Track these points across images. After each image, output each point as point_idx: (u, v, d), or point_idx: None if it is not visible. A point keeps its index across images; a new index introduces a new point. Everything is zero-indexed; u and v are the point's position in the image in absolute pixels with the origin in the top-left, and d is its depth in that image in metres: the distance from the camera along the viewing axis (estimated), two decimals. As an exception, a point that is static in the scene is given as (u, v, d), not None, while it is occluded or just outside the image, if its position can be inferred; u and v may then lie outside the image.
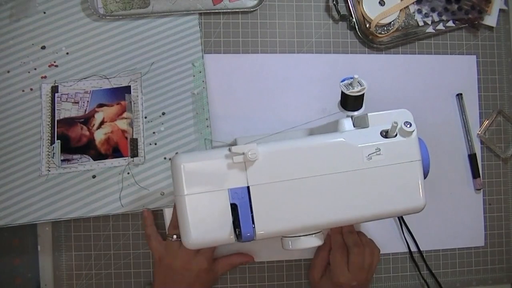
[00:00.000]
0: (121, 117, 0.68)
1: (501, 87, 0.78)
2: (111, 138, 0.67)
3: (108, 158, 0.67)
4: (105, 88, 0.68)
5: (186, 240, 0.49)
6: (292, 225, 0.50)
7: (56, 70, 0.68)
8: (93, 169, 0.66)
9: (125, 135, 0.67)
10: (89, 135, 0.67)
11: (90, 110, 0.68)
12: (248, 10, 0.73)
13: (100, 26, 0.69)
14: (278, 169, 0.49)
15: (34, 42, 0.68)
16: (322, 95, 0.74)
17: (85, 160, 0.66)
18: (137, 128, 0.67)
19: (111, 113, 0.68)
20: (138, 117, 0.68)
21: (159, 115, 0.68)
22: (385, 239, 0.74)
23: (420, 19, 0.76)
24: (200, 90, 0.69)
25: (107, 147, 0.67)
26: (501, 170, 0.78)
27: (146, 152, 0.67)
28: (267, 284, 0.72)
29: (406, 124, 0.51)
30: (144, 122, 0.68)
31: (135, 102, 0.68)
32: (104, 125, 0.67)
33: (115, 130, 0.67)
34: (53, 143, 0.66)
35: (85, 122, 0.67)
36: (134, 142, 0.67)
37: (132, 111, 0.68)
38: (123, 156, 0.67)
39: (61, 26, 0.69)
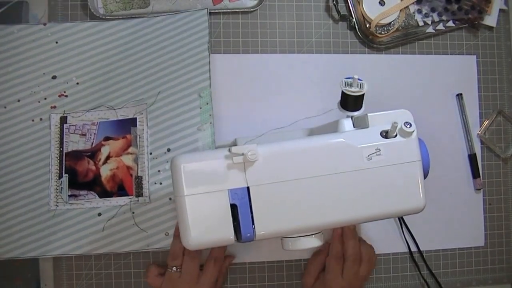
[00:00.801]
0: (127, 152, 0.67)
1: (501, 87, 0.78)
2: (116, 174, 0.67)
3: (114, 196, 0.66)
4: (112, 119, 0.67)
5: (186, 241, 0.49)
6: (292, 226, 0.50)
7: (66, 100, 0.68)
8: (98, 206, 0.66)
9: (130, 172, 0.67)
10: (95, 171, 0.67)
11: (97, 143, 0.67)
12: (248, 10, 0.73)
13: (110, 56, 0.68)
14: (278, 170, 0.49)
15: (45, 71, 0.68)
16: (322, 95, 0.74)
17: (92, 197, 0.66)
18: (142, 165, 0.66)
19: (117, 147, 0.67)
20: (143, 153, 0.67)
21: (164, 151, 0.67)
22: (385, 239, 0.74)
23: (420, 19, 0.76)
24: (207, 126, 0.66)
25: (112, 185, 0.66)
26: (501, 170, 0.78)
27: (151, 191, 0.66)
28: (267, 284, 0.72)
29: (406, 124, 0.51)
30: (149, 158, 0.67)
31: (141, 137, 0.67)
32: (110, 160, 0.67)
33: (120, 166, 0.67)
34: (61, 176, 0.66)
35: (92, 156, 0.67)
36: (139, 180, 0.66)
37: (138, 146, 0.67)
38: (128, 194, 0.66)
39: (73, 56, 0.68)
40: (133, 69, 0.68)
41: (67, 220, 0.66)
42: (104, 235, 0.66)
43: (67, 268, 0.69)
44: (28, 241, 0.65)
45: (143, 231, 0.65)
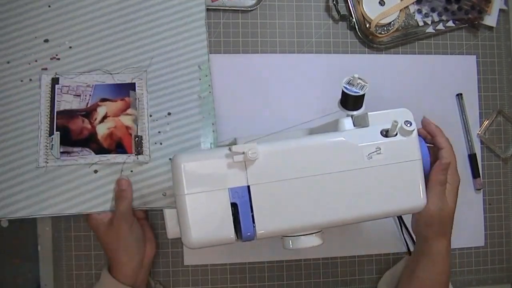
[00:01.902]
0: (125, 113, 0.66)
1: (501, 87, 0.78)
2: (114, 133, 0.65)
3: (112, 153, 0.65)
4: (109, 83, 0.67)
5: (187, 240, 0.49)
6: (292, 225, 0.50)
7: (58, 63, 0.67)
8: (94, 162, 0.64)
9: (129, 132, 0.66)
10: (91, 129, 0.65)
11: (92, 103, 0.66)
12: (246, 9, 0.73)
13: (105, 21, 0.68)
14: (279, 169, 0.49)
15: (37, 35, 0.67)
16: (322, 95, 0.74)
17: (87, 153, 0.64)
18: (141, 125, 0.66)
19: (115, 108, 0.66)
20: (143, 114, 0.66)
21: (165, 114, 0.67)
22: (385, 239, 0.74)
23: (420, 19, 0.76)
24: (206, 94, 0.67)
25: (110, 142, 0.65)
26: (501, 170, 0.78)
27: (151, 151, 0.66)
28: (267, 284, 0.72)
29: (406, 123, 0.51)
30: (149, 120, 0.66)
31: (140, 100, 0.66)
32: (107, 120, 0.66)
33: (118, 126, 0.66)
34: (51, 134, 0.65)
35: (87, 115, 0.66)
36: (139, 139, 0.65)
37: (137, 108, 0.66)
38: (127, 152, 0.65)
39: (66, 20, 0.67)
40: (130, 36, 0.68)
41: (59, 177, 0.64)
42: (99, 193, 0.64)
43: (67, 268, 0.69)
44: (17, 199, 0.63)
45: (140, 190, 0.65)
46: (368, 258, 0.74)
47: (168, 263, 0.70)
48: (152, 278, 0.69)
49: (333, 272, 0.73)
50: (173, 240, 0.70)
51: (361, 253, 0.74)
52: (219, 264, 0.71)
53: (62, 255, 0.69)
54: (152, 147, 0.66)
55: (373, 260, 0.74)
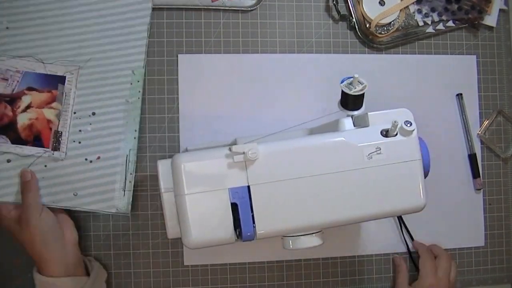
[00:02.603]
0: (50, 106, 0.65)
1: (501, 87, 0.78)
2: (34, 125, 0.64)
3: (27, 145, 0.64)
4: (39, 72, 0.65)
5: (187, 240, 0.49)
6: (292, 225, 0.50)
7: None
8: (9, 151, 0.63)
9: (50, 126, 0.64)
10: (12, 116, 0.64)
11: (18, 91, 0.64)
12: (246, 9, 0.73)
13: (45, 3, 0.66)
14: (279, 169, 0.49)
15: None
16: (322, 95, 0.74)
17: (2, 140, 0.63)
18: (64, 121, 0.65)
19: (40, 99, 0.65)
20: (67, 110, 0.65)
21: (89, 114, 0.65)
22: (385, 239, 0.74)
23: (420, 19, 0.76)
24: (134, 100, 0.67)
25: (28, 133, 0.64)
26: (501, 170, 0.78)
27: (68, 148, 0.64)
28: (267, 284, 0.72)
29: (406, 123, 0.51)
30: (73, 117, 0.65)
31: (67, 95, 0.65)
32: (30, 110, 0.64)
33: (40, 118, 0.64)
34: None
35: (11, 102, 0.64)
36: (58, 134, 0.64)
37: (63, 103, 0.65)
38: (44, 146, 0.64)
39: (6, 0, 0.66)
40: (69, 29, 0.66)
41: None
42: (9, 183, 0.63)
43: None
44: None
45: (51, 187, 0.63)
46: (368, 258, 0.74)
47: (168, 263, 0.70)
48: (85, 256, 0.66)
49: (333, 272, 0.73)
50: (173, 240, 0.70)
51: (361, 253, 0.74)
52: (219, 264, 0.71)
53: (62, 255, 0.69)
54: (70, 145, 0.64)
55: (373, 260, 0.74)
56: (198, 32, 0.72)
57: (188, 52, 0.72)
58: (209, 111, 0.71)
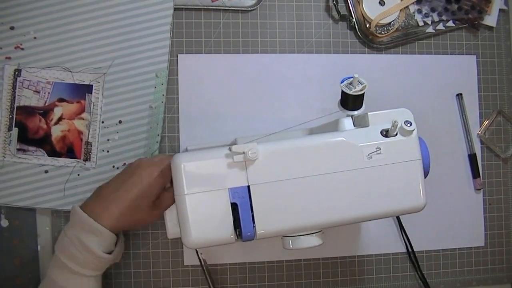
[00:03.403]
0: (79, 117, 0.67)
1: (501, 87, 0.78)
2: (67, 137, 0.67)
3: (62, 157, 0.67)
4: (68, 82, 0.67)
5: (187, 240, 0.49)
6: (292, 225, 0.50)
7: (22, 53, 0.66)
8: (46, 164, 0.66)
9: (81, 137, 0.67)
10: (46, 129, 0.66)
11: (50, 102, 0.67)
12: (246, 9, 0.73)
13: (71, 15, 0.67)
14: (279, 168, 0.49)
15: (3, 21, 0.66)
16: (322, 95, 0.74)
17: (40, 154, 0.66)
18: (93, 131, 0.67)
19: (71, 110, 0.67)
20: (96, 120, 0.67)
21: (116, 122, 0.68)
22: (385, 239, 0.74)
23: (420, 19, 0.76)
24: (158, 104, 0.68)
25: (62, 146, 0.67)
26: (501, 170, 0.78)
27: (98, 158, 0.67)
28: (267, 284, 0.72)
29: (406, 123, 0.51)
30: (101, 127, 0.67)
31: (95, 105, 0.67)
32: (62, 122, 0.67)
33: (72, 129, 0.67)
34: (11, 129, 0.66)
35: (44, 114, 0.66)
36: (88, 145, 0.67)
37: (91, 113, 0.67)
38: (76, 157, 0.67)
39: (34, 9, 0.66)
40: (93, 34, 0.67)
41: (14, 172, 0.65)
42: (47, 191, 0.66)
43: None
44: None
45: (83, 193, 0.67)
46: (368, 258, 0.74)
47: (168, 263, 0.70)
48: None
49: (333, 272, 0.73)
50: (173, 240, 0.70)
51: (361, 253, 0.74)
52: (219, 264, 0.71)
53: (62, 255, 0.69)
54: (99, 154, 0.67)
55: (373, 260, 0.74)
56: (198, 32, 0.72)
57: (188, 52, 0.72)
58: (209, 111, 0.71)
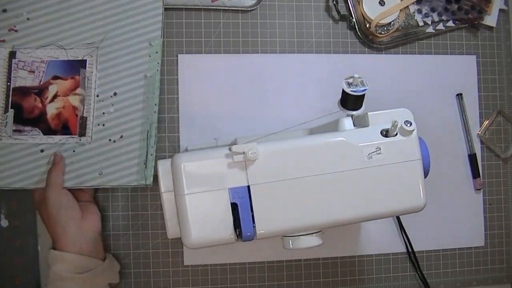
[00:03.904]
0: (74, 92, 0.66)
1: (501, 87, 0.78)
2: (62, 113, 0.66)
3: (57, 134, 0.66)
4: (62, 59, 0.66)
5: (187, 240, 0.49)
6: (292, 225, 0.50)
7: (16, 35, 0.66)
8: (42, 143, 0.66)
9: (76, 112, 0.66)
10: (42, 108, 0.66)
11: (45, 81, 0.66)
12: (246, 9, 0.73)
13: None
14: (279, 169, 0.49)
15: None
16: (322, 95, 0.74)
17: (36, 133, 0.66)
18: (88, 106, 0.66)
19: (65, 87, 0.67)
20: (90, 94, 0.66)
21: (111, 95, 0.66)
22: (385, 239, 0.74)
23: (420, 19, 0.76)
24: (153, 73, 0.67)
25: (57, 123, 0.66)
26: (501, 170, 0.78)
27: (93, 132, 0.66)
28: (267, 284, 0.72)
29: (406, 123, 0.51)
30: (96, 101, 0.66)
31: (89, 79, 0.66)
32: (57, 99, 0.66)
33: (66, 106, 0.66)
34: (7, 111, 0.65)
35: (39, 93, 0.66)
36: (83, 120, 0.66)
37: (85, 87, 0.66)
38: (72, 134, 0.66)
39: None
40: (85, 10, 0.67)
41: (10, 154, 0.65)
42: (43, 171, 0.65)
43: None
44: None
45: (78, 170, 0.66)
46: (368, 258, 0.74)
47: (168, 263, 0.70)
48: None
49: (333, 272, 0.73)
50: (173, 240, 0.70)
51: (361, 253, 0.74)
52: (219, 264, 0.71)
53: (62, 255, 0.69)
54: (95, 129, 0.66)
55: (373, 260, 0.74)
56: (198, 32, 0.72)
57: (188, 52, 0.72)
58: (209, 111, 0.71)
